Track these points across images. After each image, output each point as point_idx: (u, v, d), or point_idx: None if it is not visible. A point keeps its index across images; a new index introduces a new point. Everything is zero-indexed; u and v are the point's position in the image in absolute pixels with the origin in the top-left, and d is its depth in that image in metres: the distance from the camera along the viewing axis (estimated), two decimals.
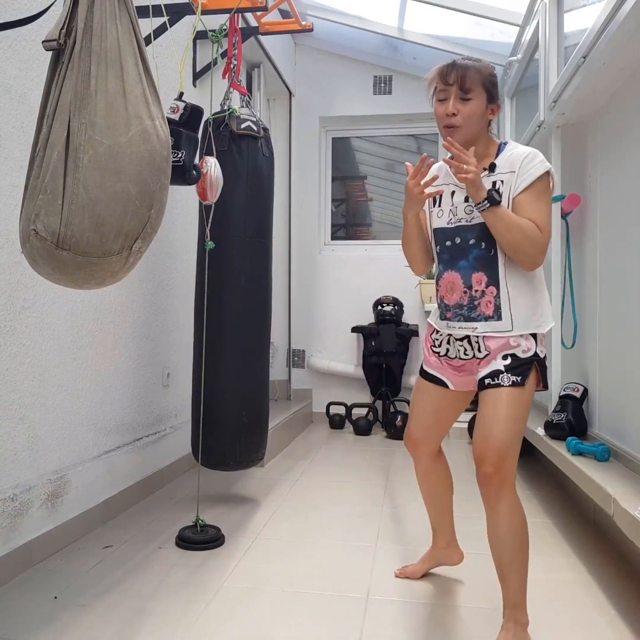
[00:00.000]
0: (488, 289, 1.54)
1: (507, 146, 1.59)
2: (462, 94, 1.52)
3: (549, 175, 1.52)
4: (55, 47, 1.31)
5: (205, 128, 2.39)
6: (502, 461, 1.47)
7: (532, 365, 1.52)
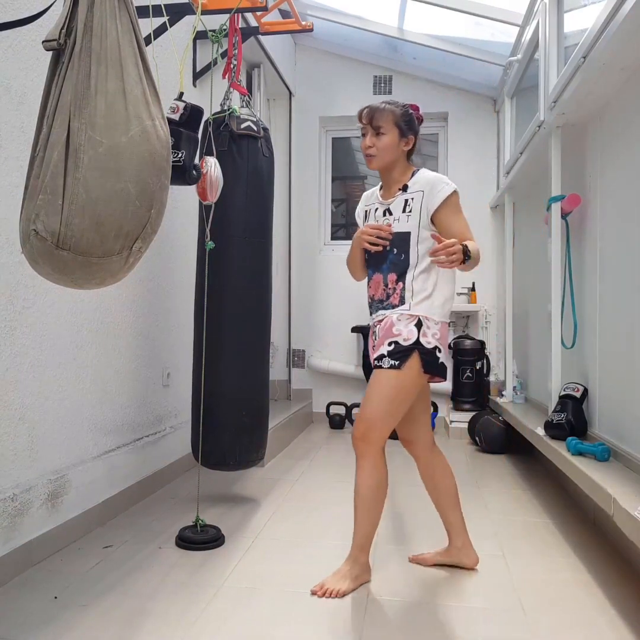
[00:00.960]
0: (397, 285, 1.87)
1: (419, 172, 1.95)
2: (375, 131, 1.91)
3: (457, 193, 1.86)
4: (55, 47, 1.31)
5: (205, 128, 2.39)
6: (369, 431, 1.80)
7: (411, 353, 1.80)
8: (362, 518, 1.84)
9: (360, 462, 1.83)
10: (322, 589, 1.79)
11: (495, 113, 4.79)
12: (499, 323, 4.69)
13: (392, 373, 1.80)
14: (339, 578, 1.82)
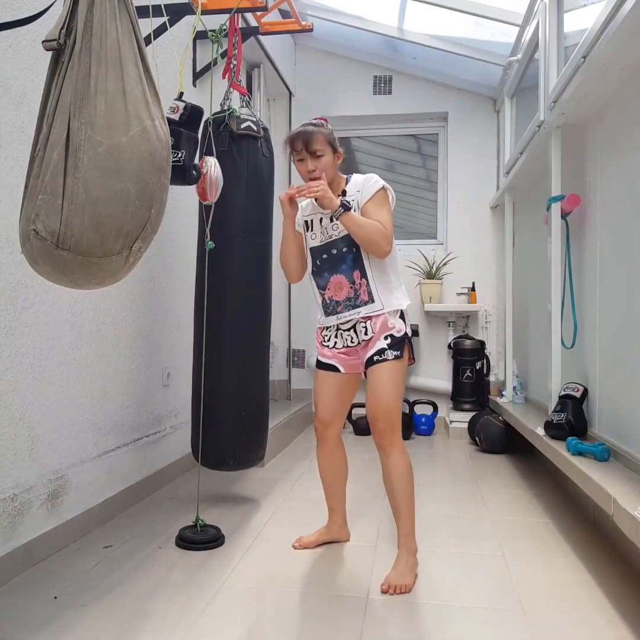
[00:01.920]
0: (362, 281, 2.00)
1: (352, 177, 2.10)
2: (312, 155, 2.01)
3: (385, 189, 2.01)
4: (55, 47, 1.31)
5: (205, 128, 2.39)
6: (391, 417, 1.93)
7: (404, 342, 1.99)
8: (406, 505, 1.95)
9: (389, 451, 1.95)
10: (392, 587, 1.82)
11: (495, 113, 4.80)
12: (499, 323, 4.70)
13: (397, 362, 1.96)
14: (400, 574, 1.87)
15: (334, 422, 2.14)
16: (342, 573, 1.96)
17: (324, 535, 2.21)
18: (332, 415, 2.13)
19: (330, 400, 2.12)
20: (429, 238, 5.03)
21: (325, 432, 2.14)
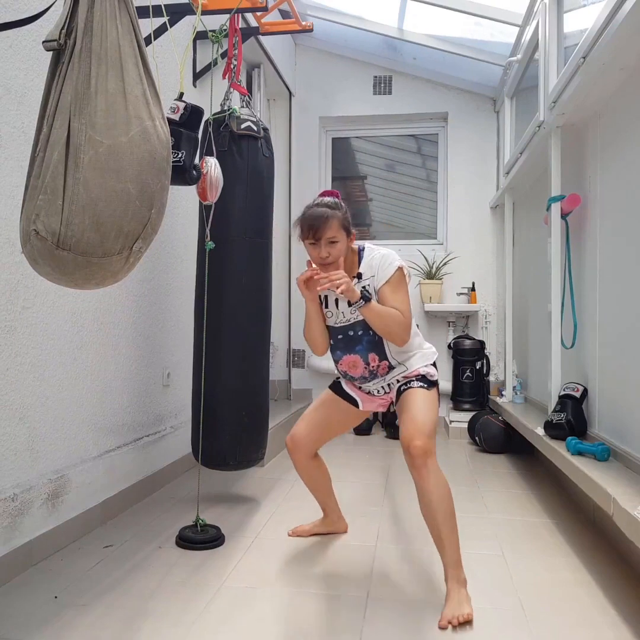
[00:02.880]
0: (382, 363, 1.98)
1: (365, 252, 1.98)
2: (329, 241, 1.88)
3: (401, 269, 1.92)
4: (55, 47, 1.31)
5: (205, 128, 2.39)
6: (426, 437, 1.77)
7: (435, 386, 1.96)
8: (450, 531, 1.78)
9: (425, 473, 1.75)
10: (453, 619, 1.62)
11: (495, 113, 4.80)
12: (499, 323, 4.70)
13: (425, 391, 1.92)
14: (455, 605, 1.67)
15: (307, 448, 2.11)
16: (342, 573, 1.97)
17: (319, 527, 2.26)
18: (308, 443, 2.10)
19: (318, 430, 2.10)
20: (429, 238, 5.03)
21: (295, 453, 2.12)
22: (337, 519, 2.30)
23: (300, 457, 2.12)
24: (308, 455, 2.13)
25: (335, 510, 2.29)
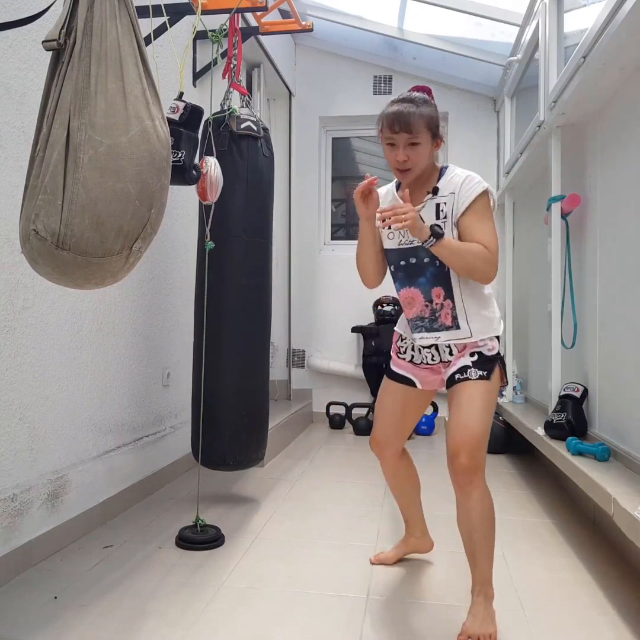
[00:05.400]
0: (445, 302, 1.69)
1: (448, 170, 1.70)
2: (409, 140, 1.61)
3: (487, 193, 1.64)
4: (55, 47, 1.31)
5: (205, 128, 2.39)
6: (477, 451, 1.57)
7: (496, 363, 1.69)
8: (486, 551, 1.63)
9: (469, 490, 1.58)
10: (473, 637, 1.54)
11: (495, 113, 4.79)
12: None
13: (483, 384, 1.64)
14: (481, 622, 1.57)
15: (392, 443, 1.90)
16: (342, 573, 1.96)
17: (402, 549, 2.05)
18: (391, 437, 1.89)
19: (393, 421, 1.88)
20: None
21: (381, 453, 1.93)
22: (421, 534, 2.05)
23: (389, 456, 1.92)
24: (396, 452, 1.92)
25: (419, 524, 2.04)
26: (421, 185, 1.70)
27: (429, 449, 3.96)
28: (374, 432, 1.92)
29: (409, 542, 2.06)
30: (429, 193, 1.67)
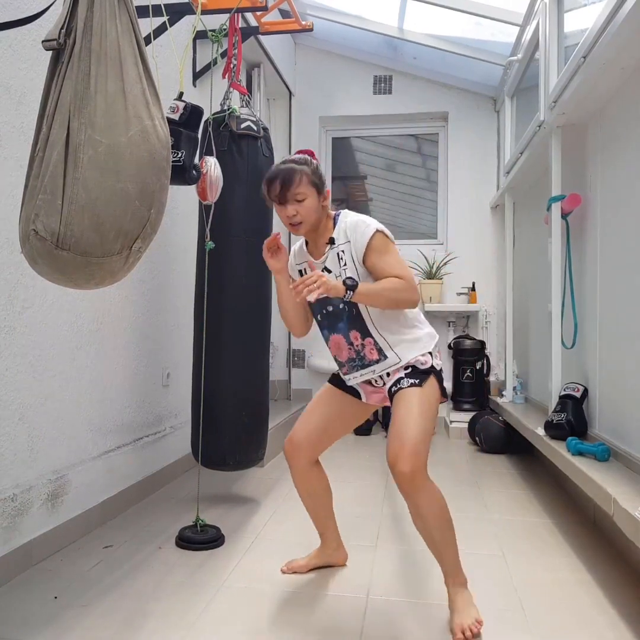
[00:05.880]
0: (365, 341, 1.74)
1: (340, 217, 1.78)
2: (294, 197, 1.70)
3: (378, 232, 1.73)
4: (55, 47, 1.31)
5: (205, 128, 2.39)
6: (414, 457, 1.57)
7: (430, 374, 1.70)
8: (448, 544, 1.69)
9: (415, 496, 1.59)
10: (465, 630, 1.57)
11: (496, 113, 4.79)
12: (499, 323, 4.69)
13: (416, 390, 1.66)
14: (462, 612, 1.61)
15: (309, 451, 1.86)
16: (342, 573, 1.96)
17: (315, 560, 1.99)
18: (310, 444, 1.85)
19: (320, 427, 1.84)
20: (429, 238, 5.03)
21: (294, 458, 1.87)
22: (337, 546, 2.02)
23: (300, 462, 1.87)
24: (309, 460, 1.88)
25: (335, 537, 2.01)
26: (321, 235, 1.78)
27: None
28: (294, 432, 1.87)
29: (324, 554, 2.00)
30: (327, 244, 1.76)
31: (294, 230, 1.75)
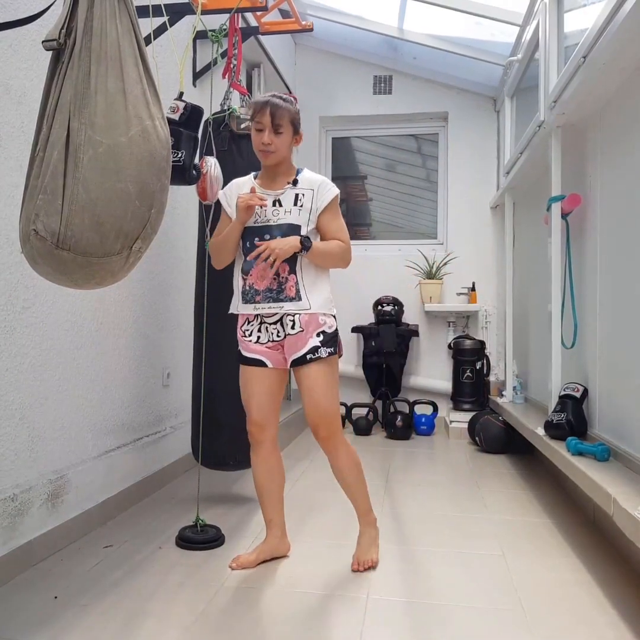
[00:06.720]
0: (290, 276, 1.93)
1: (304, 171, 2.02)
2: (274, 129, 1.90)
3: (337, 196, 1.99)
4: (55, 47, 1.31)
5: (205, 128, 2.39)
6: (331, 424, 1.94)
7: (336, 338, 1.99)
8: (361, 490, 2.03)
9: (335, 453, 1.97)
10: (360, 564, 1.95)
11: (496, 113, 4.80)
12: (499, 323, 4.69)
13: (331, 360, 1.96)
14: (364, 549, 2.00)
15: (270, 423, 2.01)
16: (342, 573, 1.96)
17: (264, 553, 2.04)
18: (267, 415, 2.00)
19: (263, 400, 1.99)
20: (429, 238, 5.03)
21: (261, 435, 2.00)
22: (281, 535, 2.09)
23: (268, 438, 2.01)
24: (274, 434, 2.04)
25: (281, 524, 2.09)
26: (281, 176, 1.97)
27: (429, 449, 3.96)
28: (251, 415, 2.00)
29: (270, 545, 2.06)
30: (288, 183, 1.96)
31: (263, 156, 1.93)
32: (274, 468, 2.06)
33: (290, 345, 1.94)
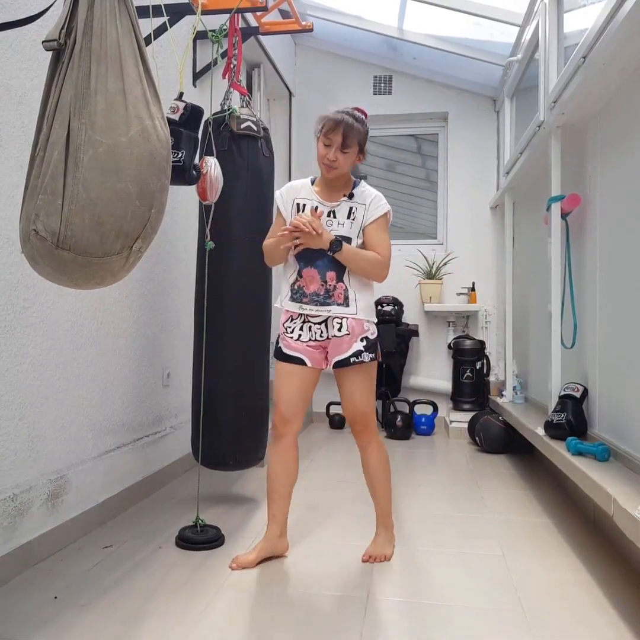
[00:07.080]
0: (338, 284, 2.00)
1: (360, 184, 2.07)
2: (342, 147, 1.94)
3: (388, 213, 2.04)
4: (55, 47, 1.31)
5: (205, 128, 2.39)
6: (367, 421, 2.06)
7: (377, 344, 2.09)
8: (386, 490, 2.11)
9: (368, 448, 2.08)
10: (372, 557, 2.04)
11: (496, 113, 4.80)
12: (499, 323, 4.70)
13: (372, 365, 2.06)
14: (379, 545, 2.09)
15: (296, 418, 2.06)
16: (342, 573, 1.96)
17: (264, 551, 2.04)
18: (294, 410, 2.04)
19: (294, 395, 2.03)
20: (429, 238, 5.03)
21: (284, 429, 2.05)
22: (280, 534, 2.08)
23: (292, 433, 2.06)
24: (297, 430, 2.08)
25: (283, 522, 2.09)
26: (338, 189, 2.03)
27: (429, 448, 3.96)
28: (279, 408, 2.05)
29: (270, 544, 2.06)
30: (344, 196, 2.02)
31: (326, 170, 1.98)
32: (289, 462, 2.11)
33: (335, 346, 2.01)
